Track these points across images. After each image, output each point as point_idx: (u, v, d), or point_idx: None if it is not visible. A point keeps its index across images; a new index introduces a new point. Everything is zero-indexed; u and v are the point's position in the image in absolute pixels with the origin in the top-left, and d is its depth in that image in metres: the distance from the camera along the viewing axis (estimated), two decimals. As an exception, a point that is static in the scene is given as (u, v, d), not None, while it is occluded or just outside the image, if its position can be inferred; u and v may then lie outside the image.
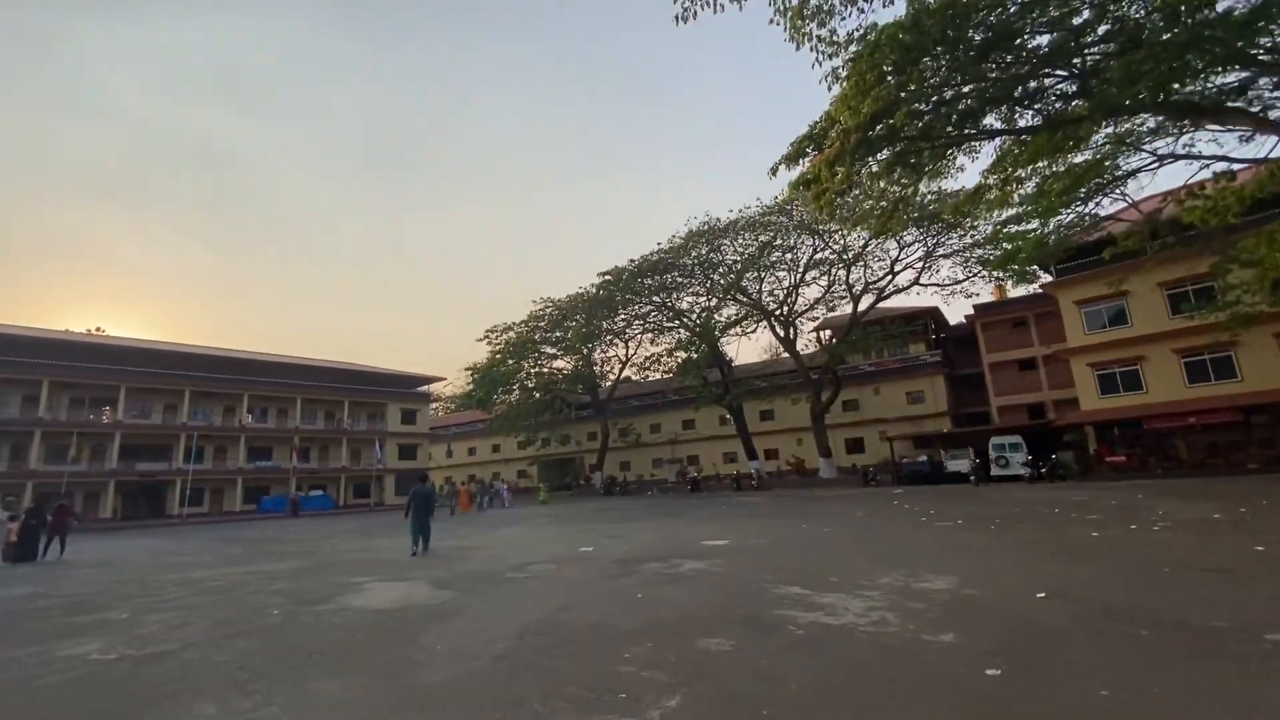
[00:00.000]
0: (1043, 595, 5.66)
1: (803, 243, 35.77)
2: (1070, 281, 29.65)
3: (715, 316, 39.91)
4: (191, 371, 44.53)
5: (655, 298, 41.84)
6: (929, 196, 25.49)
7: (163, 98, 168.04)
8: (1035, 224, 23.13)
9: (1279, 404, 23.18)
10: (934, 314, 41.03)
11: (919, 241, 33.39)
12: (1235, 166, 17.35)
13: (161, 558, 14.79)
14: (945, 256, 33.94)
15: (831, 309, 38.69)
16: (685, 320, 41.73)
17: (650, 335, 45.22)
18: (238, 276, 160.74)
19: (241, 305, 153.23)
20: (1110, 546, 8.44)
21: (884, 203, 16.20)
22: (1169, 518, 10.99)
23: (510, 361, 46.74)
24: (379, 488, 51.95)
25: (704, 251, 38.18)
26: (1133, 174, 20.75)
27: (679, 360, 42.22)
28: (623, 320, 44.62)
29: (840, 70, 11.14)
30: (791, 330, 38.68)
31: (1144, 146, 19.77)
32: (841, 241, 34.61)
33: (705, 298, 41.41)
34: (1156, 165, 19.97)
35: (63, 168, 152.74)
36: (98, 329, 52.48)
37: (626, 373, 49.28)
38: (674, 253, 38.58)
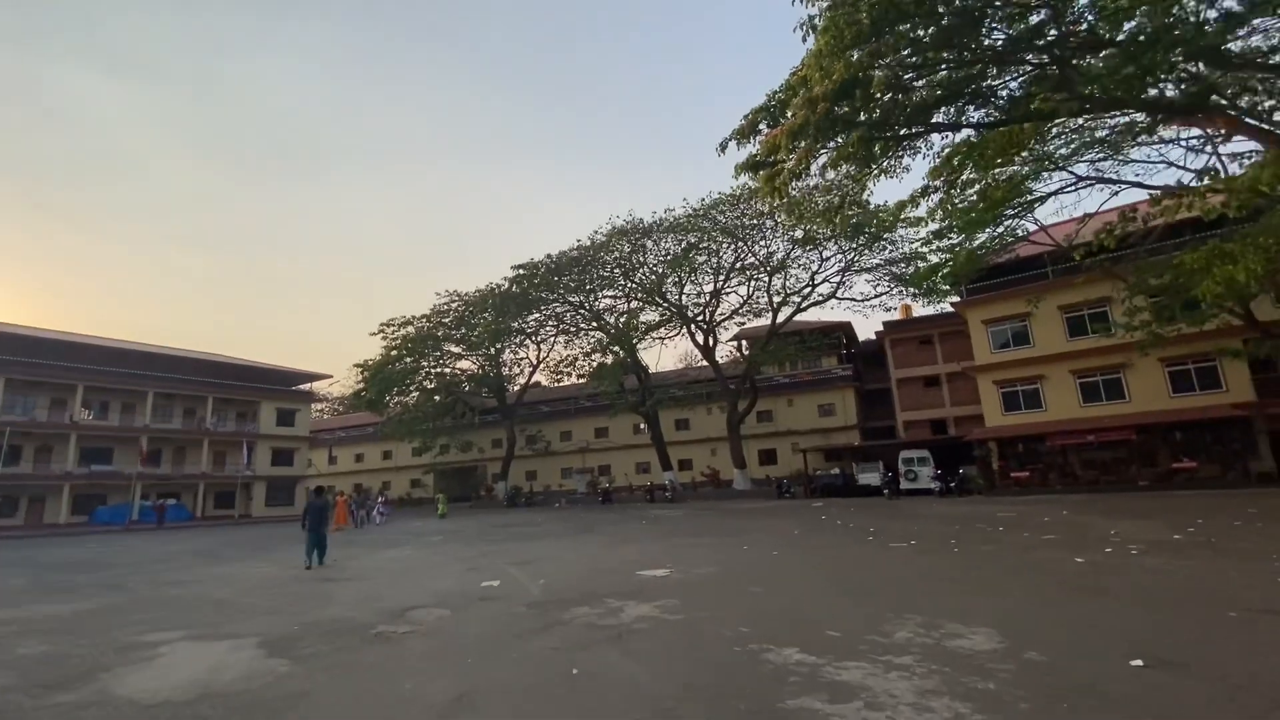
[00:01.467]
0: (1140, 664, 4.13)
1: (726, 248, 34.93)
2: (979, 301, 30.57)
3: (635, 320, 38.24)
4: (7, 355, 36.96)
5: (573, 297, 39.59)
6: (856, 210, 25.16)
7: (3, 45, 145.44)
8: (958, 239, 23.26)
9: (1163, 424, 24.59)
10: (847, 329, 41.60)
11: (840, 254, 33.45)
12: (1148, 194, 17.93)
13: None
14: (863, 271, 34.22)
15: (750, 318, 38.20)
16: (603, 322, 39.74)
17: (565, 337, 42.88)
18: (94, 258, 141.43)
19: (97, 291, 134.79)
20: (1116, 576, 7.29)
21: (831, 197, 15.06)
22: (1132, 539, 10.26)
23: (408, 359, 42.67)
24: (246, 497, 45.73)
25: (626, 250, 36.49)
26: (1049, 196, 21.27)
27: (594, 364, 40.13)
28: (535, 320, 41.97)
29: (816, 20, 9.72)
30: (711, 338, 37.76)
31: (1064, 167, 20.28)
32: (765, 249, 34.12)
33: (625, 300, 39.70)
34: (1074, 187, 20.53)
35: None
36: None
37: (537, 377, 46.53)
38: (595, 249, 36.60)
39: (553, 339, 43.48)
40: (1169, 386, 25.16)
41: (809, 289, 34.78)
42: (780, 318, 35.99)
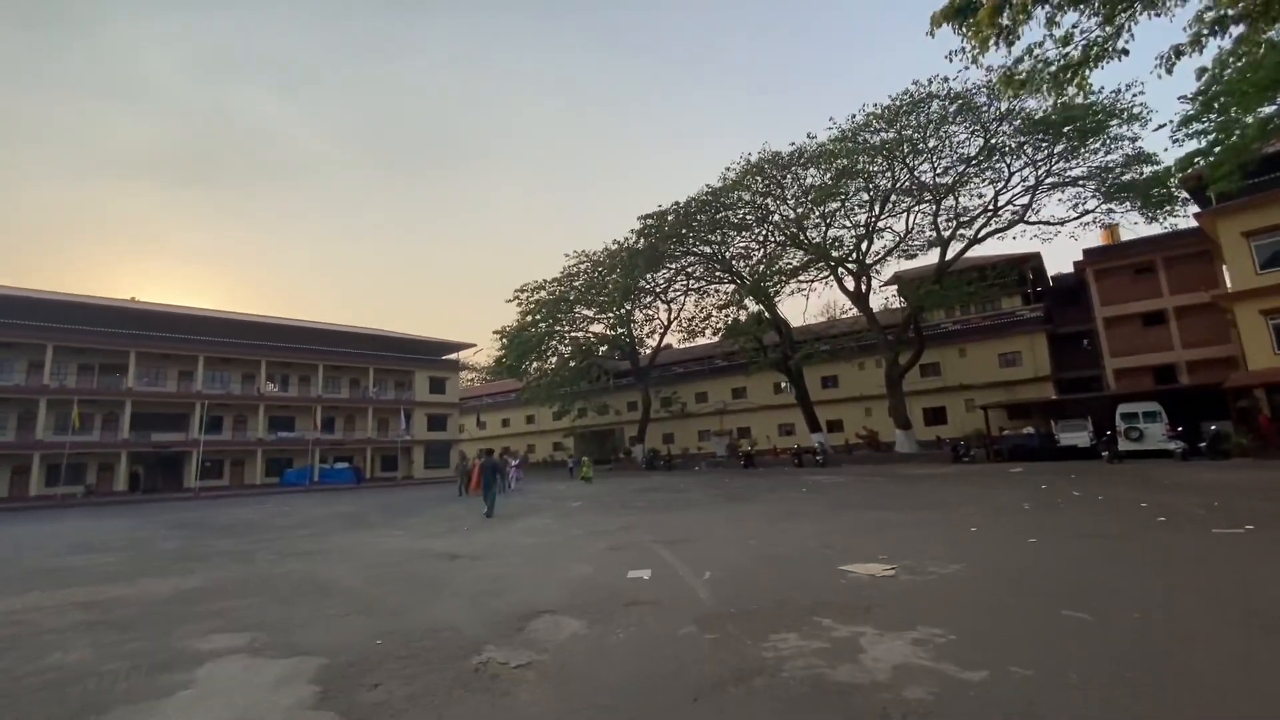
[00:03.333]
0: None
1: (881, 174, 29.96)
2: (1236, 208, 23.39)
3: (773, 267, 34.48)
4: (204, 336, 41.57)
5: (702, 248, 36.60)
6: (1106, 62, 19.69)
7: (207, 81, 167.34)
8: (1221, 117, 17.23)
9: None
10: (1035, 262, 34.77)
11: (1029, 165, 27.33)
12: None
13: (60, 557, 10.94)
14: (1060, 186, 27.78)
15: (919, 250, 32.70)
16: (736, 272, 36.42)
17: (695, 294, 40.18)
18: (277, 254, 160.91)
19: (279, 282, 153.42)
20: None
21: (1071, 50, 10.79)
22: None
23: (542, 324, 42.32)
24: (407, 460, 48.83)
25: (760, 188, 32.64)
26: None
27: (729, 319, 37.12)
28: (665, 278, 39.62)
29: None
30: (863, 282, 33.07)
31: None
32: (932, 169, 28.74)
33: (760, 246, 36.00)
34: None
35: (112, 151, 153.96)
36: (132, 299, 49.91)
37: (669, 339, 44.42)
38: (725, 190, 33.13)
39: (683, 296, 41.05)
40: None
41: (990, 214, 28.98)
42: (950, 253, 30.53)
